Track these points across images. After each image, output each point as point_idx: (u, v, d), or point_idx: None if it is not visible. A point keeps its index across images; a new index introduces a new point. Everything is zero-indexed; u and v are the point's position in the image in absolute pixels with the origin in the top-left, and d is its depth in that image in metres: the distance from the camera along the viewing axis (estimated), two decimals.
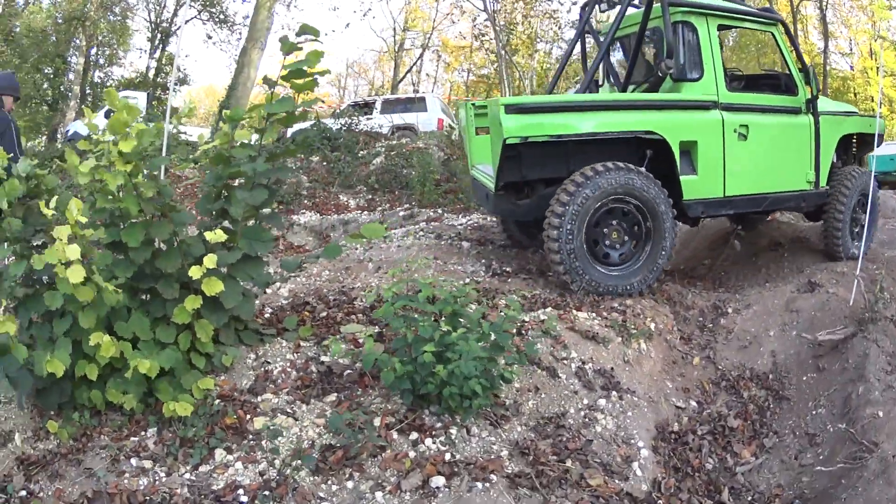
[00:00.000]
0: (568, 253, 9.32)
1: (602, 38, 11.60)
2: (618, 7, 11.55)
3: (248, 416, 6.37)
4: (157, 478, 5.79)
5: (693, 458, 7.71)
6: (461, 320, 6.98)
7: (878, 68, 45.76)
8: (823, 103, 11.55)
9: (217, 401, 6.54)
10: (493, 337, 6.85)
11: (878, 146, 12.84)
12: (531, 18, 24.85)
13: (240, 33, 41.05)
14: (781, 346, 9.89)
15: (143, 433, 6.23)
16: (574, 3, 24.97)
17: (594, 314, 9.18)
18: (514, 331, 7.80)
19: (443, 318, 7.03)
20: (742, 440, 8.28)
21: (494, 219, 12.94)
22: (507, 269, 11.02)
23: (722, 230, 15.74)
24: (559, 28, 25.47)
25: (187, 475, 5.81)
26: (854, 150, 12.88)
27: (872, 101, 14.67)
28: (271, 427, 6.21)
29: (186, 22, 44.03)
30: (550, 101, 9.87)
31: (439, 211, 18.23)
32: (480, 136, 11.35)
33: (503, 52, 22.55)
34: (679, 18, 10.15)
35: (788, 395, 9.12)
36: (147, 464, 5.90)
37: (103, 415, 6.46)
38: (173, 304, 6.48)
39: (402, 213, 18.15)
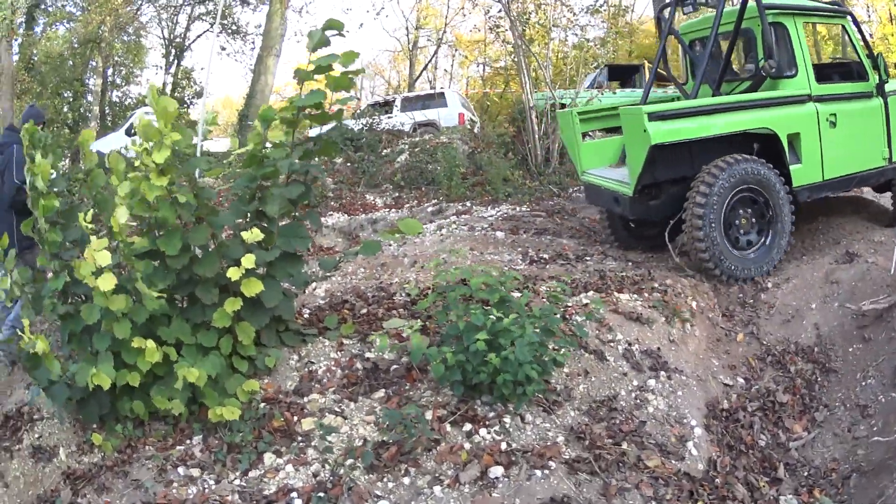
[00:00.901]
0: (711, 239, 9.93)
1: (682, 39, 12.56)
2: (706, 8, 12.59)
3: (296, 418, 6.33)
4: (206, 486, 5.77)
5: (745, 435, 7.65)
6: (510, 307, 6.93)
7: None
8: (889, 85, 12.07)
9: (262, 404, 6.50)
10: (542, 322, 6.81)
11: None
12: (545, 6, 24.74)
13: (253, 42, 41.04)
14: (824, 319, 9.80)
15: (188, 441, 6.21)
16: None
17: (636, 296, 9.19)
18: (560, 316, 7.73)
19: (490, 306, 6.97)
20: (792, 415, 8.23)
21: (601, 217, 13.00)
22: (544, 257, 11.08)
23: None
24: (573, 15, 25.32)
25: (237, 481, 5.79)
26: None
27: (895, 68, 14.68)
28: (322, 427, 6.16)
29: (199, 36, 44.13)
30: (684, 106, 10.38)
31: (468, 204, 18.21)
32: (588, 141, 12.39)
33: (520, 43, 22.47)
34: (771, 20, 10.79)
35: (835, 368, 9.02)
36: (195, 472, 5.87)
37: (146, 425, 6.45)
38: (213, 309, 6.44)
39: (430, 209, 18.13)
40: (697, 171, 10.29)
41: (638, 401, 7.25)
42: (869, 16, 60.12)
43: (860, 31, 12.02)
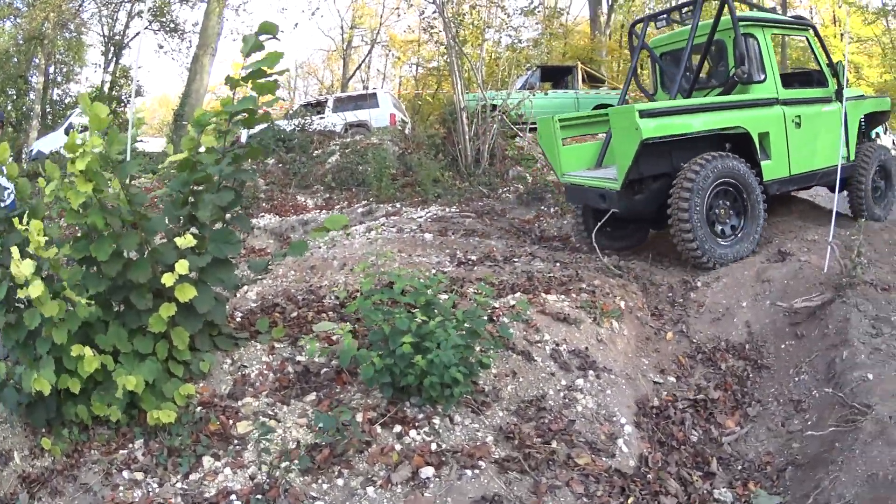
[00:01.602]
0: (696, 228, 10.91)
1: (653, 52, 13.95)
2: (668, 23, 14.02)
3: (231, 422, 6.36)
4: (150, 489, 5.79)
5: (677, 431, 7.77)
6: (435, 310, 7.01)
7: (842, 35, 45.91)
8: (847, 91, 13.22)
9: (199, 408, 6.53)
10: (467, 324, 6.90)
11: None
12: (479, 7, 24.84)
13: (190, 41, 40.70)
14: (755, 316, 10.02)
15: (131, 445, 6.23)
16: None
17: (563, 296, 9.29)
18: (486, 317, 7.78)
19: (416, 310, 7.01)
20: (724, 411, 8.36)
21: (577, 218, 13.89)
22: (472, 258, 11.18)
23: None
24: (507, 16, 25.46)
25: (179, 484, 5.81)
26: (864, 127, 14.51)
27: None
28: (256, 431, 6.21)
29: (138, 34, 43.77)
30: (670, 105, 11.42)
31: (398, 205, 18.41)
32: (569, 145, 13.35)
33: (453, 44, 22.53)
34: (743, 31, 12.01)
35: (768, 364, 9.21)
36: (139, 475, 5.90)
37: (91, 429, 6.44)
38: (148, 314, 6.46)
39: (360, 210, 18.25)
40: (676, 168, 11.34)
41: (566, 400, 7.32)
42: (811, 18, 60.83)
43: (821, 42, 13.59)
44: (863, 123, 14.44)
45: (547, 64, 33.44)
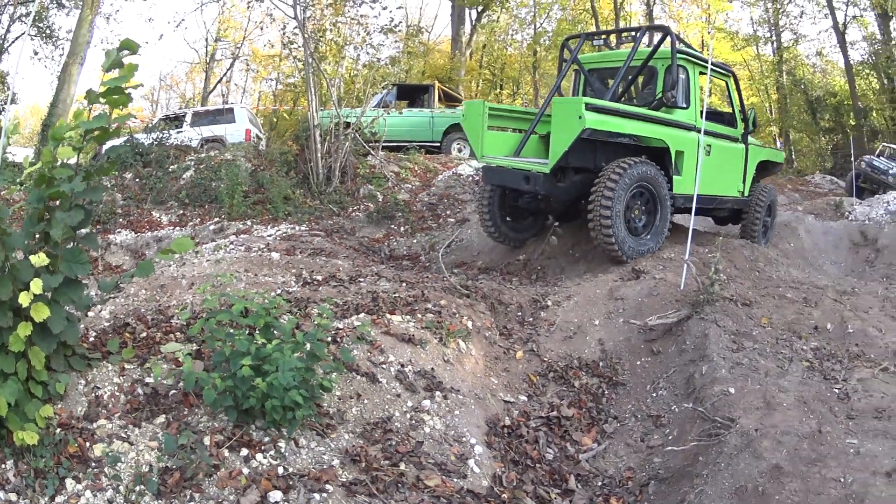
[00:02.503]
0: (616, 227, 12.40)
1: (581, 70, 15.68)
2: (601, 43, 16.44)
3: (88, 444, 6.27)
4: None
5: (531, 449, 7.85)
6: (275, 332, 7.02)
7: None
8: (751, 139, 16.39)
9: (59, 429, 6.42)
10: (308, 346, 6.91)
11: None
12: (340, 25, 24.82)
13: (63, 48, 39.80)
14: (609, 334, 10.30)
15: (3, 465, 6.10)
16: (384, 8, 25.55)
17: (409, 317, 9.35)
18: (329, 339, 7.91)
19: (257, 332, 7.04)
20: (580, 428, 8.53)
21: (487, 216, 15.32)
22: (318, 278, 11.22)
23: None
24: (368, 34, 25.47)
25: None
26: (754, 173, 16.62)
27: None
28: (110, 453, 6.13)
29: (17, 38, 42.81)
30: (611, 106, 12.97)
31: (249, 223, 18.41)
32: (492, 132, 14.82)
33: (311, 60, 22.48)
34: (678, 63, 13.89)
35: (623, 381, 9.49)
36: (13, 496, 5.79)
37: None
38: (8, 332, 6.33)
39: (212, 227, 18.18)
40: (597, 166, 13.26)
41: (413, 421, 7.38)
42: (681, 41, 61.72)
43: (738, 90, 16.02)
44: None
45: (404, 82, 33.50)
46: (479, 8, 54.41)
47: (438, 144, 30.03)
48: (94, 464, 6.05)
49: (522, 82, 64.51)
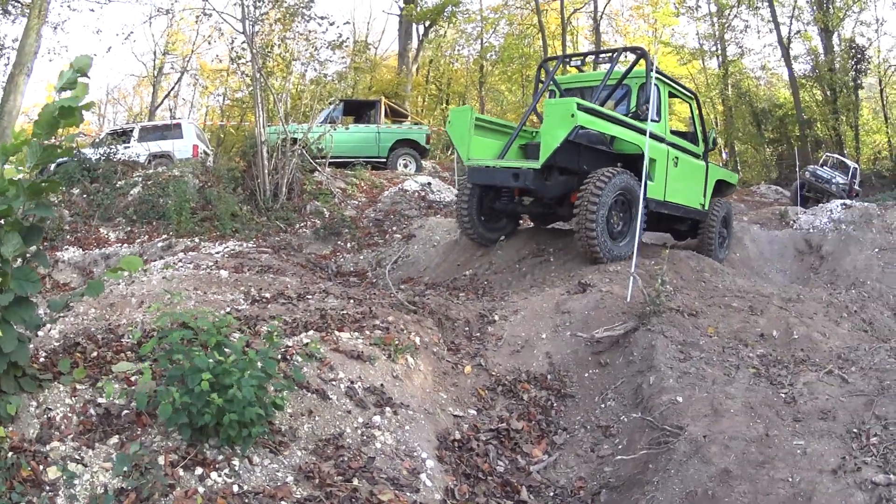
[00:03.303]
0: (599, 231, 13.50)
1: (553, 87, 17.16)
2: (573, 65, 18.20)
3: (42, 467, 6.19)
4: None
5: (482, 462, 7.92)
6: (227, 350, 6.99)
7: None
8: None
9: (10, 453, 6.35)
10: (260, 364, 6.90)
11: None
12: (288, 40, 24.83)
13: (8, 58, 39.29)
14: (556, 347, 10.39)
15: None
16: (332, 24, 25.52)
17: (357, 333, 9.36)
18: (279, 357, 7.88)
19: (209, 350, 6.99)
20: (530, 440, 8.62)
21: (465, 216, 16.53)
22: (266, 296, 11.16)
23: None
24: (315, 49, 25.50)
25: None
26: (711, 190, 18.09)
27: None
28: (64, 477, 6.07)
29: None
30: (598, 109, 14.26)
31: (196, 240, 18.48)
32: (477, 137, 15.77)
33: (259, 76, 22.48)
34: (652, 81, 15.25)
35: (572, 393, 9.59)
36: None
37: None
38: None
39: (160, 244, 18.21)
40: (581, 169, 14.53)
41: (365, 437, 7.40)
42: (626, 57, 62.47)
43: (700, 111, 17.96)
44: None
45: (351, 98, 33.55)
46: (427, 23, 54.58)
47: (385, 160, 30.18)
48: (48, 487, 5.99)
49: (469, 97, 64.51)
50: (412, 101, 54.45)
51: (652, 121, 14.44)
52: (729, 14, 55.99)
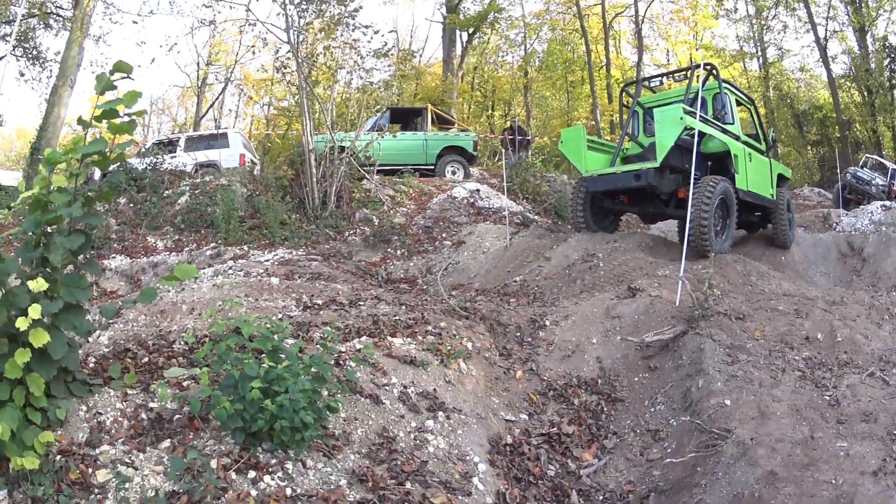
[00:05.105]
0: (710, 229, 15.23)
1: (637, 108, 19.38)
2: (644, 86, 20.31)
3: (91, 470, 6.18)
4: None
5: (533, 466, 7.86)
6: (282, 355, 7.00)
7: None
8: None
9: (59, 456, 6.33)
10: (314, 369, 6.91)
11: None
12: (333, 49, 24.89)
13: (51, 70, 39.48)
14: (606, 352, 10.32)
15: None
16: (376, 32, 25.73)
17: (409, 339, 9.36)
18: (332, 362, 7.86)
19: (264, 355, 7.00)
20: (580, 444, 8.56)
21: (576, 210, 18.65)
22: (318, 302, 11.21)
23: (529, 248, 16.60)
24: (360, 58, 25.54)
25: None
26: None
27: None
28: (115, 479, 6.06)
29: (2, 58, 42.55)
30: (696, 113, 15.62)
31: (245, 248, 18.46)
32: (590, 152, 17.94)
33: (305, 85, 22.52)
34: (723, 91, 17.76)
35: (622, 397, 9.52)
36: None
37: None
38: (3, 360, 6.32)
39: (209, 253, 18.21)
40: (683, 166, 16.23)
41: (417, 441, 7.39)
42: (668, 60, 62.59)
43: (758, 114, 20.59)
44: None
45: (397, 105, 33.58)
46: (470, 30, 54.57)
47: (432, 167, 30.00)
48: (97, 490, 5.99)
49: (514, 103, 64.42)
50: (458, 108, 54.35)
51: (729, 123, 17.31)
52: (767, 15, 55.65)
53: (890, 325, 11.55)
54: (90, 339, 8.96)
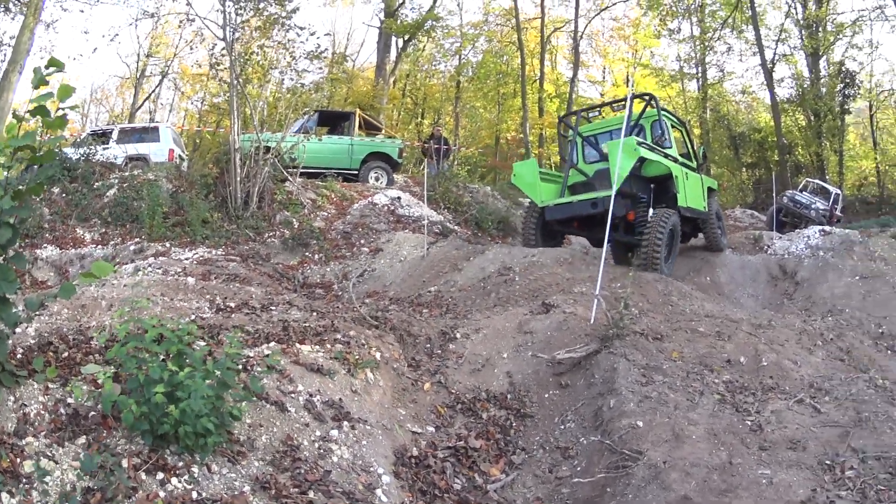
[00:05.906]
0: (663, 252, 16.86)
1: (577, 137, 20.76)
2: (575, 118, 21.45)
3: (19, 460, 6.31)
4: None
5: (439, 480, 8.02)
6: (186, 359, 7.15)
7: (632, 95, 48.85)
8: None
9: None
10: (218, 374, 7.04)
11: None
12: (267, 48, 24.93)
13: (4, 55, 38.95)
14: (517, 367, 10.43)
15: None
16: (312, 34, 25.89)
17: (318, 347, 9.48)
18: (240, 367, 7.97)
19: (171, 358, 7.16)
20: (488, 459, 8.67)
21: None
22: (231, 305, 11.31)
23: (447, 258, 16.73)
24: (293, 59, 25.61)
25: None
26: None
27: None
28: (38, 471, 6.19)
29: None
30: (646, 143, 17.59)
31: (167, 245, 18.61)
32: (543, 183, 19.19)
33: (236, 82, 22.56)
34: (662, 118, 19.13)
35: (531, 413, 9.62)
36: None
37: None
38: None
39: (132, 248, 18.28)
40: (634, 193, 17.97)
41: (321, 450, 7.52)
42: (604, 77, 62.95)
43: (690, 134, 22.60)
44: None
45: (326, 108, 33.53)
46: (406, 37, 54.58)
47: (356, 172, 30.00)
48: (24, 480, 6.13)
49: (443, 112, 64.45)
50: (388, 114, 54.40)
51: (667, 147, 18.56)
52: (712, 36, 55.89)
53: (823, 351, 11.72)
54: (17, 330, 9.01)
